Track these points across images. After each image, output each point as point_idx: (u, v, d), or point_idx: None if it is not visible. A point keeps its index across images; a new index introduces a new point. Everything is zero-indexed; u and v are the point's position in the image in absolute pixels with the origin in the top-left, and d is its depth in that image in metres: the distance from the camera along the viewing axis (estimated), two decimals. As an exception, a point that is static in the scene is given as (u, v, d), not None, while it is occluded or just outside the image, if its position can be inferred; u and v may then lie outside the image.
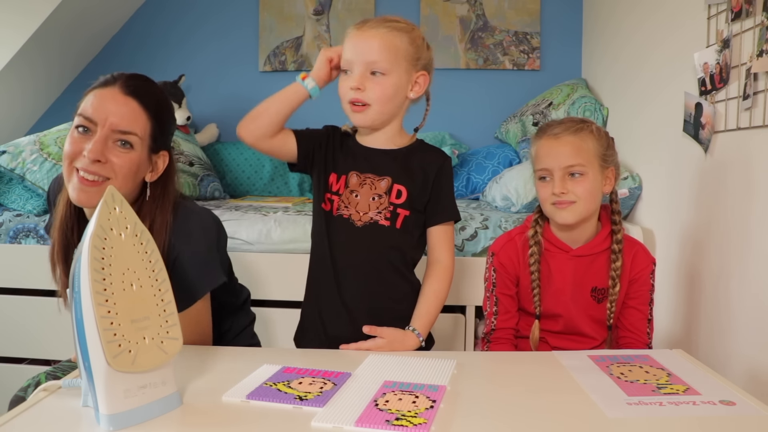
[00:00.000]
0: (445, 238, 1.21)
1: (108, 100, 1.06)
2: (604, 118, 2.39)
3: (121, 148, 1.06)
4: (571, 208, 1.20)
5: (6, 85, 2.59)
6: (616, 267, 1.22)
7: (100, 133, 1.05)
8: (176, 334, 0.80)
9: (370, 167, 1.18)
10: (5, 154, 2.11)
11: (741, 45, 1.38)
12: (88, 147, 1.04)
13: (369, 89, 1.12)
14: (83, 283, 0.73)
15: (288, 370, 0.94)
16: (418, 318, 1.17)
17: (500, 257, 1.30)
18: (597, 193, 1.22)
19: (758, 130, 1.33)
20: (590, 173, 1.20)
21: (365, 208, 1.16)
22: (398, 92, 1.14)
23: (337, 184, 1.19)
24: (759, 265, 1.33)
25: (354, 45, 1.13)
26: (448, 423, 0.77)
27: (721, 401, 0.84)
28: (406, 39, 1.13)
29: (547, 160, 1.22)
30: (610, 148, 1.24)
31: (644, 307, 1.26)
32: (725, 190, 1.47)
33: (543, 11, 2.87)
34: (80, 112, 1.07)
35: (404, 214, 1.16)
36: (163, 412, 0.78)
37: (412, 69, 1.14)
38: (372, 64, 1.11)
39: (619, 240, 1.24)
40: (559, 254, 1.27)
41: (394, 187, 1.17)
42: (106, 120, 1.05)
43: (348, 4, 2.90)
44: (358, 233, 1.16)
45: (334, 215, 1.18)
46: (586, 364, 1.00)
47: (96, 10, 2.73)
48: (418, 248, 1.23)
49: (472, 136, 2.90)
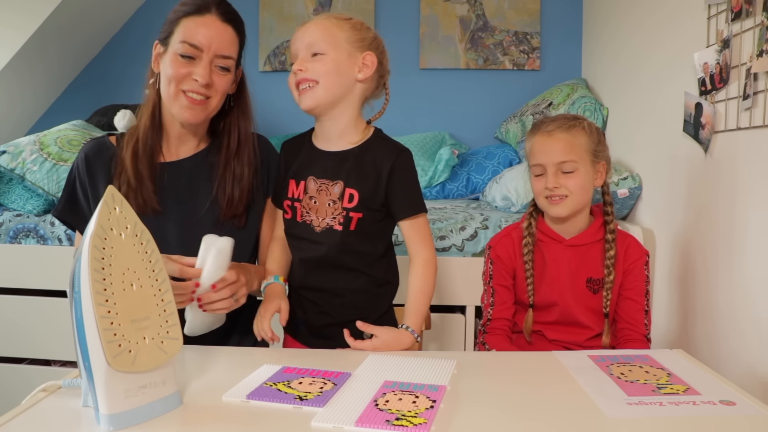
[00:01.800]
0: (417, 231, 1.20)
1: (210, 27, 1.15)
2: (604, 118, 2.39)
3: (220, 71, 1.17)
4: (564, 203, 1.25)
5: (6, 85, 2.59)
6: (610, 256, 1.27)
7: (206, 59, 1.15)
8: (176, 334, 0.80)
9: (325, 172, 1.19)
10: (5, 154, 2.11)
11: (741, 45, 1.38)
12: (197, 71, 1.14)
13: (311, 68, 1.14)
14: (83, 283, 0.72)
15: (288, 370, 0.94)
16: (408, 315, 1.18)
17: (497, 250, 1.35)
18: (588, 187, 1.27)
19: (758, 130, 1.33)
20: (582, 168, 1.25)
21: (323, 213, 1.19)
22: (342, 70, 1.14)
23: (297, 190, 1.21)
24: (759, 264, 1.33)
25: (295, 37, 1.18)
26: (448, 423, 0.77)
27: (721, 401, 0.84)
28: (345, 25, 1.16)
29: (541, 156, 1.26)
30: (600, 143, 1.29)
31: (640, 298, 1.28)
32: (725, 190, 1.47)
33: (543, 11, 2.87)
34: (184, 39, 1.14)
35: (357, 216, 1.17)
36: (163, 412, 0.78)
37: (355, 51, 1.16)
38: (311, 46, 1.14)
39: (612, 230, 1.28)
40: (553, 244, 1.31)
41: (346, 191, 1.17)
42: (210, 46, 1.15)
43: (348, 4, 2.90)
44: (317, 237, 1.19)
45: (298, 221, 1.21)
46: (586, 364, 1.00)
47: (96, 10, 2.73)
48: (377, 240, 1.22)
49: (472, 136, 2.91)
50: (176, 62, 1.15)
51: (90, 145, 1.25)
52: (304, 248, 1.22)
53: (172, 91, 1.16)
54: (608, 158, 1.31)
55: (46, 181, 2.07)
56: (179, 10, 1.18)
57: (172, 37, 1.16)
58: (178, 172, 1.24)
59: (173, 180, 1.23)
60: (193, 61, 1.15)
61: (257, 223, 1.31)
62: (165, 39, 1.18)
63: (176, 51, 1.15)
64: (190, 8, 1.16)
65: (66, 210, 1.25)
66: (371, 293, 1.23)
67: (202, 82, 1.15)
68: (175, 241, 1.20)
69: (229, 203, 1.23)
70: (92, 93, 2.98)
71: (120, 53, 3.00)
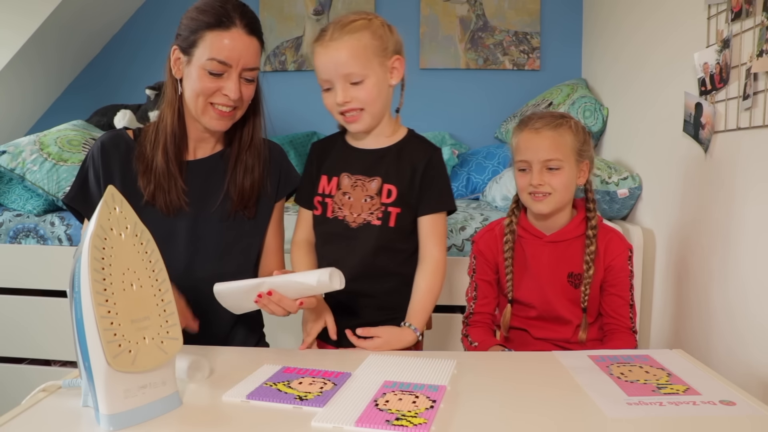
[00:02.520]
0: (435, 230, 1.22)
1: (236, 41, 1.15)
2: (604, 118, 2.39)
3: (246, 82, 1.19)
4: (547, 200, 1.26)
5: (6, 86, 2.59)
6: (590, 251, 1.27)
7: (234, 74, 1.16)
8: (176, 334, 0.80)
9: (361, 168, 1.21)
10: (5, 154, 2.11)
11: (741, 45, 1.38)
12: (228, 87, 1.15)
13: (355, 98, 1.15)
14: (83, 283, 0.73)
15: (288, 370, 0.94)
16: (413, 314, 1.19)
17: (479, 245, 1.37)
18: (571, 185, 1.28)
19: (758, 130, 1.33)
20: (566, 167, 1.26)
21: (359, 209, 1.20)
22: (381, 89, 1.17)
23: (329, 186, 1.22)
24: (759, 264, 1.33)
25: (324, 64, 1.16)
26: (448, 423, 0.77)
27: (721, 401, 0.84)
28: (368, 35, 1.14)
29: (527, 153, 1.27)
30: (586, 143, 1.30)
31: (625, 293, 1.29)
32: (725, 190, 1.47)
33: (543, 11, 2.87)
34: (212, 56, 1.13)
35: (396, 211, 1.19)
36: (163, 412, 0.78)
37: (384, 60, 1.16)
38: (348, 77, 1.14)
39: (594, 226, 1.29)
40: (533, 240, 1.32)
41: (384, 187, 1.19)
42: (239, 62, 1.15)
43: (348, 4, 2.90)
44: (353, 233, 1.19)
45: (328, 217, 1.22)
46: (586, 364, 1.00)
47: (95, 11, 2.73)
48: (410, 238, 1.23)
49: (472, 136, 2.91)
50: (204, 78, 1.15)
51: (107, 135, 1.25)
52: (336, 245, 1.22)
53: (201, 104, 1.17)
54: (592, 157, 1.32)
55: (46, 181, 2.07)
56: (199, 19, 1.15)
57: (196, 49, 1.15)
58: (196, 171, 1.25)
59: (191, 179, 1.24)
60: (221, 76, 1.15)
61: (266, 218, 1.31)
62: (187, 49, 1.16)
63: (204, 67, 1.14)
64: (213, 20, 1.14)
65: (78, 197, 1.23)
66: (401, 294, 1.22)
67: (234, 98, 1.16)
68: (184, 235, 1.21)
69: (241, 195, 1.24)
70: (92, 93, 2.98)
71: (120, 53, 3.00)
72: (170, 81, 1.21)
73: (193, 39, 1.15)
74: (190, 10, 1.18)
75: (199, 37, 1.14)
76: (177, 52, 1.19)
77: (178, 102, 1.21)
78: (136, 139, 1.24)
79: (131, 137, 1.25)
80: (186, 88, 1.19)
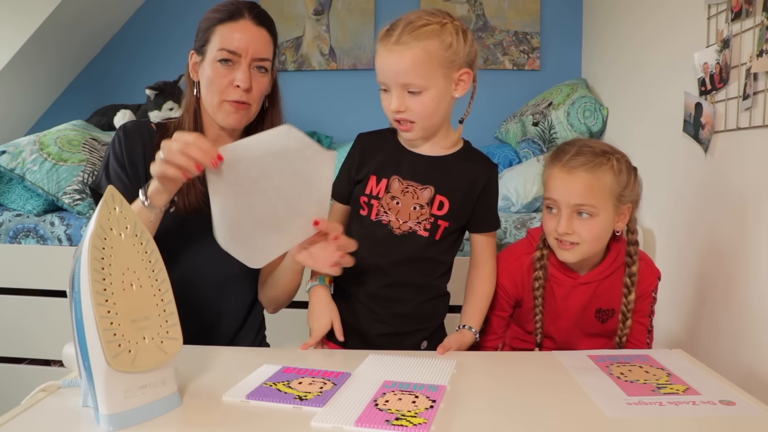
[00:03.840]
0: (490, 245, 1.21)
1: (245, 31, 1.17)
2: (604, 118, 2.39)
3: (258, 73, 1.19)
4: (574, 250, 1.13)
5: (6, 85, 2.59)
6: (627, 301, 1.17)
7: (244, 63, 1.17)
8: (176, 334, 0.80)
9: (413, 174, 1.14)
10: (5, 154, 2.11)
11: (741, 45, 1.38)
12: (238, 76, 1.16)
13: (410, 109, 1.07)
14: (83, 283, 0.72)
15: (288, 370, 0.94)
16: (472, 316, 1.19)
17: (502, 279, 1.22)
18: (604, 235, 1.15)
19: (758, 130, 1.33)
20: (601, 214, 1.11)
21: (405, 216, 1.13)
22: (440, 103, 1.09)
23: (377, 188, 1.15)
24: (759, 264, 1.33)
25: (383, 66, 1.07)
26: (448, 423, 0.77)
27: (721, 401, 0.84)
28: (436, 44, 1.04)
29: (556, 192, 1.13)
30: (629, 185, 1.14)
31: (645, 319, 1.23)
32: (725, 190, 1.47)
33: (543, 11, 2.87)
34: (222, 46, 1.15)
35: (444, 225, 1.14)
36: (163, 412, 0.78)
37: (450, 72, 1.08)
38: (407, 86, 1.06)
39: (633, 273, 1.17)
40: (564, 280, 1.21)
41: (437, 198, 1.13)
42: (247, 50, 1.16)
43: (348, 4, 2.90)
44: (396, 240, 1.14)
45: (372, 219, 1.15)
46: (586, 364, 1.00)
47: (96, 10, 2.73)
48: (449, 253, 1.20)
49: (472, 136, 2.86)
50: (216, 69, 1.17)
51: (131, 123, 1.26)
52: (376, 249, 1.14)
53: (216, 101, 1.18)
54: (637, 198, 1.17)
55: (46, 181, 2.07)
56: (212, 17, 1.19)
57: (208, 45, 1.18)
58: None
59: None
60: (232, 66, 1.17)
61: None
62: (201, 48, 1.20)
63: (215, 58, 1.16)
64: (223, 15, 1.18)
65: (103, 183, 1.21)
66: (433, 306, 1.21)
67: (244, 87, 1.16)
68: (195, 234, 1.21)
69: None
70: (92, 93, 2.98)
71: (120, 53, 3.00)
72: (189, 85, 1.24)
73: (206, 37, 1.18)
74: (206, 13, 1.21)
75: (211, 33, 1.17)
76: (194, 56, 1.22)
77: (196, 104, 1.23)
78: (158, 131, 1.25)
79: (154, 129, 1.26)
80: (202, 87, 1.20)
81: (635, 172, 1.18)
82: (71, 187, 2.08)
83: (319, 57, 2.92)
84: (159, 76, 2.57)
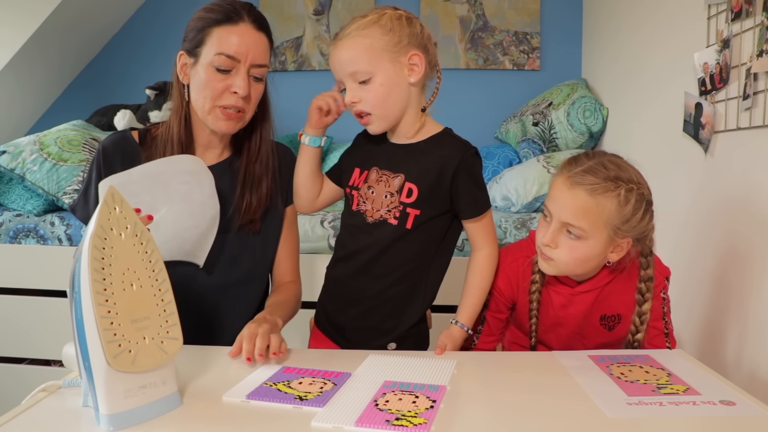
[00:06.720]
0: (482, 229, 1.16)
1: (245, 36, 1.11)
2: (604, 118, 2.39)
3: (255, 81, 1.15)
4: (551, 264, 1.08)
5: (6, 85, 2.59)
6: (642, 311, 1.11)
7: (243, 70, 1.11)
8: (176, 334, 0.80)
9: (389, 163, 1.15)
10: (5, 154, 2.11)
11: (741, 45, 1.38)
12: (236, 83, 1.11)
13: (363, 99, 1.09)
14: (83, 283, 0.72)
15: (288, 370, 0.94)
16: (463, 311, 1.16)
17: (498, 281, 1.19)
18: (588, 261, 1.07)
19: (758, 130, 1.33)
20: (590, 240, 1.04)
21: (378, 205, 1.14)
22: (392, 88, 1.09)
23: (359, 179, 1.18)
24: (758, 265, 1.33)
25: (333, 63, 1.11)
26: (448, 423, 0.77)
27: (721, 401, 0.84)
28: (376, 31, 1.07)
29: (552, 203, 1.08)
30: (632, 220, 1.03)
31: (658, 323, 1.17)
32: (725, 190, 1.47)
33: (543, 11, 2.87)
34: (220, 50, 1.10)
35: (414, 213, 1.12)
36: (163, 412, 0.78)
37: (397, 56, 1.08)
38: (354, 75, 1.08)
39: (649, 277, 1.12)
40: (561, 288, 1.16)
41: (406, 185, 1.12)
42: (247, 56, 1.11)
43: (348, 4, 2.90)
44: (368, 229, 1.14)
45: (353, 210, 1.17)
46: (586, 364, 1.00)
47: (96, 10, 2.73)
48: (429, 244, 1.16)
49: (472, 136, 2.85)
50: (212, 75, 1.11)
51: (109, 139, 1.21)
52: (354, 238, 1.17)
53: (208, 106, 1.13)
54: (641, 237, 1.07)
55: (46, 181, 2.07)
56: (206, 17, 1.12)
57: (203, 47, 1.11)
58: None
59: None
60: (229, 73, 1.11)
61: (275, 229, 1.28)
62: (194, 49, 1.13)
63: (212, 63, 1.10)
64: (220, 16, 1.11)
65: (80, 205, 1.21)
66: (402, 299, 1.17)
67: (242, 94, 1.11)
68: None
69: (247, 209, 1.21)
70: (92, 93, 2.99)
71: (120, 53, 3.01)
72: (177, 88, 1.17)
73: (200, 38, 1.11)
74: (196, 12, 1.15)
75: (206, 35, 1.11)
76: (183, 57, 1.15)
77: (185, 109, 1.17)
78: (141, 142, 1.20)
79: (136, 139, 1.21)
80: (192, 90, 1.14)
81: (648, 206, 1.06)
82: (71, 187, 2.08)
83: (319, 57, 2.92)
84: (159, 76, 2.58)
